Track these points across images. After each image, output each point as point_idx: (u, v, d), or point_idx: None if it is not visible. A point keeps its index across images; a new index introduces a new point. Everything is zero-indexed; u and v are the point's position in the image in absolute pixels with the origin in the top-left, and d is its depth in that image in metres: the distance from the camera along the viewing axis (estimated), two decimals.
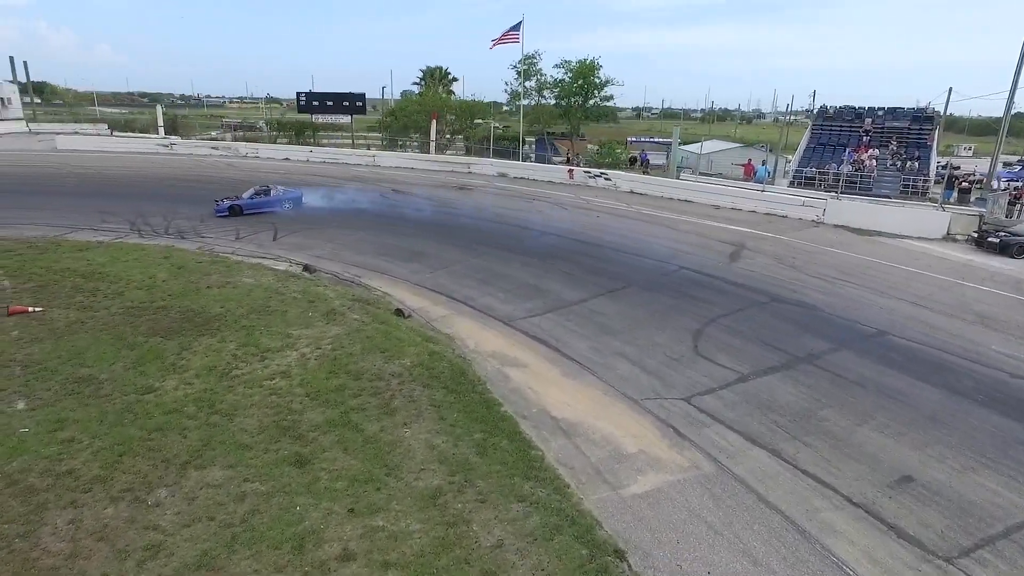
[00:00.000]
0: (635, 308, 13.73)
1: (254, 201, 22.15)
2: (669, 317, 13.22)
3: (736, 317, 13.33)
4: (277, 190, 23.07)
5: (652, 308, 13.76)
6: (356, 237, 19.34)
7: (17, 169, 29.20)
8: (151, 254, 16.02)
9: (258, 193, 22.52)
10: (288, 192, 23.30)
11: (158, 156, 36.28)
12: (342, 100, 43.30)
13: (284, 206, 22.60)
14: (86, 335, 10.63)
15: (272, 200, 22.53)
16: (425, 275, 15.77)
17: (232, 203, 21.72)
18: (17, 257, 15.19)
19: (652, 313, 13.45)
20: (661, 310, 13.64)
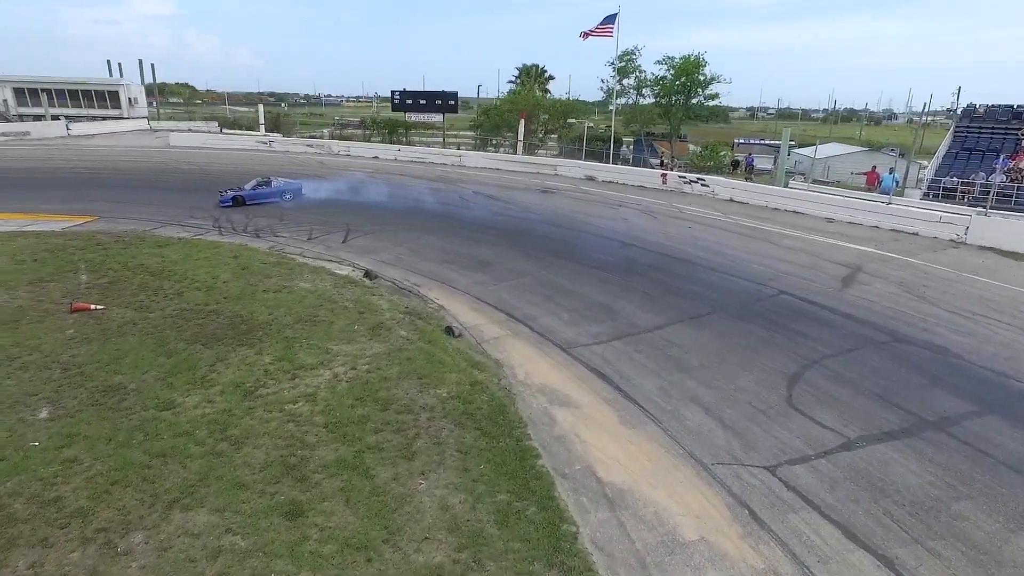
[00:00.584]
0: (719, 340, 11.90)
1: (256, 192, 23.08)
2: (760, 354, 11.29)
3: (845, 359, 11.14)
4: (278, 182, 24.03)
5: (740, 341, 11.86)
6: (425, 241, 18.75)
7: (132, 164, 31.71)
8: (222, 253, 16.22)
9: (260, 184, 23.45)
10: (289, 184, 24.34)
11: (257, 153, 38.24)
12: (435, 99, 43.63)
13: (285, 197, 23.62)
14: (133, 338, 10.57)
15: (273, 191, 23.48)
16: (488, 287, 14.77)
17: (235, 194, 22.59)
18: (103, 251, 15.91)
19: (739, 348, 11.56)
20: (751, 345, 11.71)
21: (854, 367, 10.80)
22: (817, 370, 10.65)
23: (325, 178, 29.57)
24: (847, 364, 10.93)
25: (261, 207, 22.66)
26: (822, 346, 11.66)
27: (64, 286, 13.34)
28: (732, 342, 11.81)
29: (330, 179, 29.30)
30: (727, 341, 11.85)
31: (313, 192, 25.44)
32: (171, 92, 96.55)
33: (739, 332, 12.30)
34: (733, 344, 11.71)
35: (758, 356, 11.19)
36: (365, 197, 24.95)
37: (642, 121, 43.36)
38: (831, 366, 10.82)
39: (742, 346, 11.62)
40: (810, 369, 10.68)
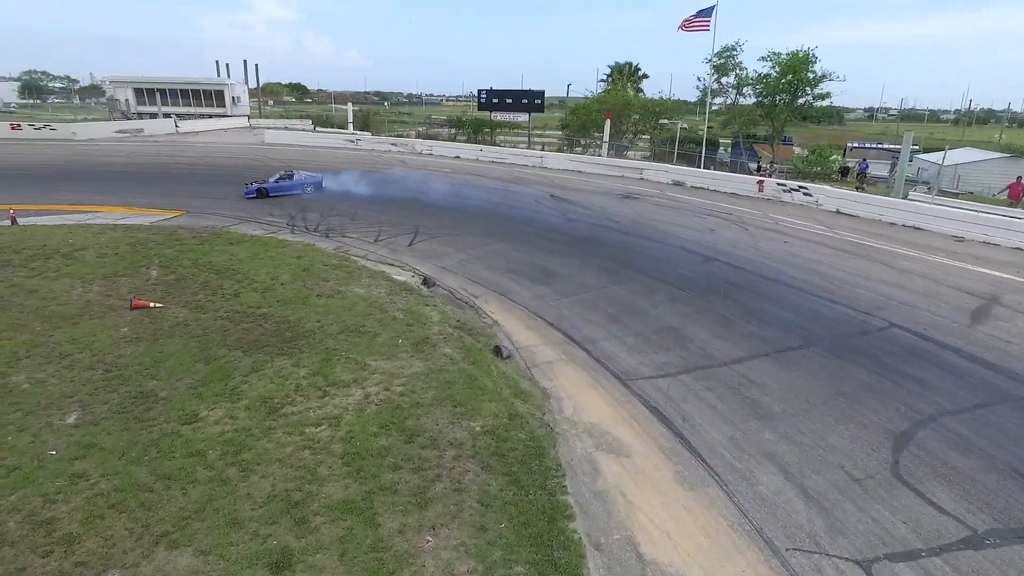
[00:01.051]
0: (809, 382, 10.19)
1: (279, 184, 24.44)
2: (860, 404, 9.51)
3: (973, 418, 9.14)
4: (300, 175, 25.30)
5: (836, 386, 10.10)
6: (492, 247, 18.00)
7: (227, 160, 33.44)
8: (288, 253, 16.29)
9: (282, 177, 24.79)
10: (310, 177, 25.61)
11: (343, 150, 39.34)
12: (521, 98, 43.03)
13: (306, 189, 24.94)
14: (179, 340, 10.53)
15: (295, 184, 24.77)
16: (549, 302, 13.75)
17: (260, 186, 23.99)
18: (179, 247, 16.44)
19: (834, 394, 9.82)
20: (849, 390, 9.93)
21: (985, 430, 8.80)
22: (934, 430, 8.76)
23: (396, 178, 29.75)
24: (976, 425, 8.93)
25: (287, 198, 23.98)
26: (943, 399, 9.67)
27: (134, 281, 13.77)
28: (825, 386, 10.07)
29: (404, 179, 29.43)
30: (819, 384, 10.12)
31: (387, 192, 25.55)
32: (271, 91, 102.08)
33: (835, 373, 10.51)
34: (827, 388, 9.98)
35: (858, 406, 9.42)
36: (438, 199, 24.67)
37: (742, 122, 40.49)
38: (954, 426, 8.88)
39: (838, 392, 9.87)
40: (925, 428, 8.80)
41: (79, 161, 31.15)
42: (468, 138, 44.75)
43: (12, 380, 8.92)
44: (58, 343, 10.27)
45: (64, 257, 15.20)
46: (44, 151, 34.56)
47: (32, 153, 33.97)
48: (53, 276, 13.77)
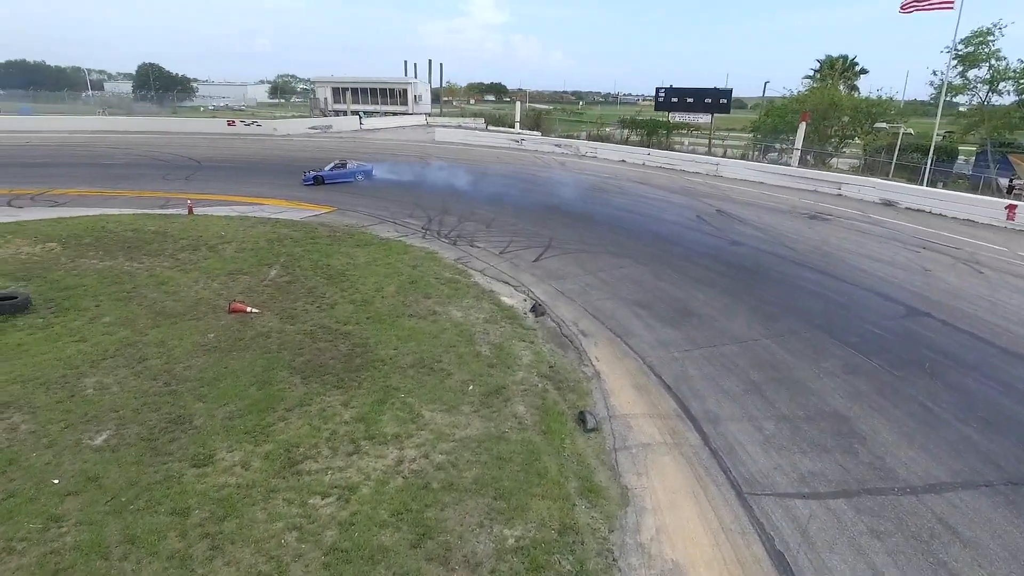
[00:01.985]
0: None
1: (334, 172, 26.42)
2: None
3: None
4: (352, 164, 27.23)
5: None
6: (625, 271, 15.56)
7: (395, 157, 34.74)
8: (406, 260, 15.58)
9: (337, 166, 26.79)
10: (361, 166, 27.50)
11: (504, 150, 38.98)
12: (703, 97, 39.08)
13: (357, 177, 26.84)
14: (250, 355, 10.01)
15: (347, 172, 26.77)
16: (674, 352, 11.07)
17: (316, 174, 25.97)
18: (310, 246, 16.62)
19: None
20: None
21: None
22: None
23: (547, 182, 28.17)
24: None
25: (341, 184, 25.90)
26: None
27: (252, 280, 13.93)
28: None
29: (555, 184, 27.80)
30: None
31: (532, 197, 24.18)
32: (456, 91, 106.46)
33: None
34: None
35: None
36: (584, 208, 22.66)
37: (993, 126, 32.03)
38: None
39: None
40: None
41: (272, 155, 34.64)
42: (641, 140, 41.81)
43: (83, 383, 8.95)
44: (147, 344, 10.34)
45: (209, 250, 16.12)
46: (247, 145, 39.16)
47: (236, 147, 38.51)
48: (188, 269, 14.49)
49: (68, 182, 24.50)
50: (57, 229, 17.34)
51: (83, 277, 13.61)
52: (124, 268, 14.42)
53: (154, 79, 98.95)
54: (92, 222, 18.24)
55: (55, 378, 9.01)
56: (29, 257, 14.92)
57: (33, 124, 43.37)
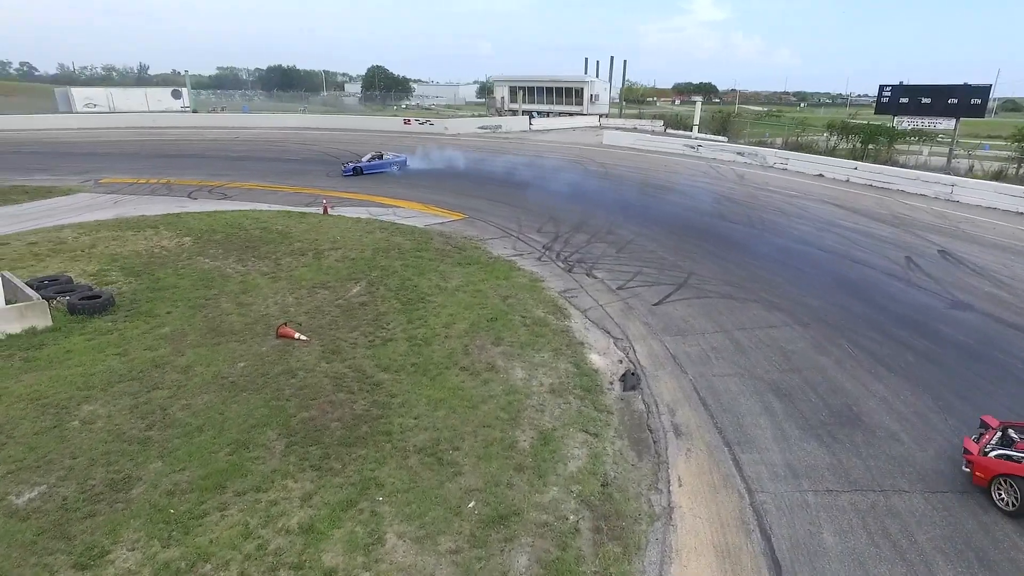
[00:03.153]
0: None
1: (371, 164, 27.86)
2: None
3: None
4: (388, 155, 28.71)
5: None
6: (772, 335, 11.46)
7: (550, 161, 32.49)
8: (501, 289, 13.34)
9: (374, 157, 28.25)
10: (396, 157, 28.90)
11: (677, 157, 34.47)
12: (946, 96, 30.70)
13: (393, 168, 28.21)
14: (257, 400, 8.56)
15: (384, 163, 28.17)
16: (812, 496, 7.15)
17: (355, 165, 27.49)
18: (410, 259, 15.20)
19: None
20: None
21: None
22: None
23: (707, 198, 23.63)
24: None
25: (377, 174, 27.19)
26: None
27: (332, 295, 12.79)
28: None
29: (718, 202, 23.25)
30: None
31: (683, 217, 20.31)
32: (637, 92, 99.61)
33: None
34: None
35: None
36: (744, 237, 18.24)
37: None
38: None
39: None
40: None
41: (443, 155, 34.59)
42: (854, 150, 34.25)
43: (76, 412, 8.19)
44: (174, 367, 9.47)
45: (314, 256, 15.49)
46: (412, 144, 39.30)
47: (402, 145, 39.15)
48: (279, 277, 13.86)
49: (247, 176, 26.53)
50: (202, 224, 18.20)
51: (183, 277, 13.62)
52: (225, 270, 14.26)
53: (378, 80, 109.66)
54: (234, 218, 18.94)
55: (58, 401, 8.38)
56: (160, 251, 15.55)
57: (248, 121, 49.51)
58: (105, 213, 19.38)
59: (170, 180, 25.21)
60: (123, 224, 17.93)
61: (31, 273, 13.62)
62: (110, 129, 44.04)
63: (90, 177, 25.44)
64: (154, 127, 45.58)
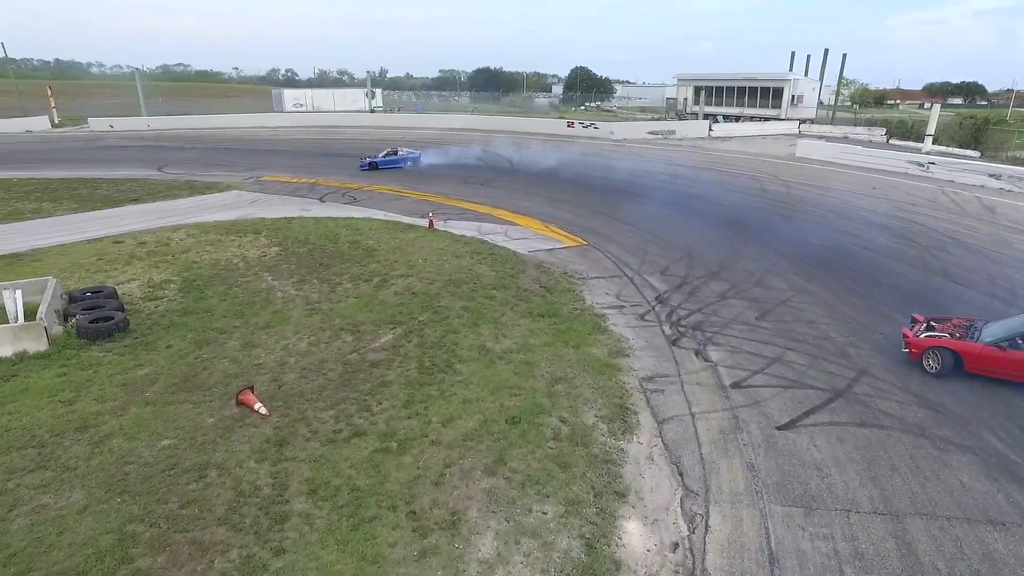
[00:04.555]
0: None
1: (386, 159, 27.89)
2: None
3: None
4: (403, 151, 28.76)
5: None
6: (990, 541, 6.03)
7: (712, 175, 26.45)
8: (556, 365, 9.59)
9: (389, 153, 28.36)
10: (410, 153, 28.97)
11: (896, 178, 25.61)
12: None
13: (407, 164, 28.19)
14: (120, 513, 6.15)
15: (398, 159, 28.16)
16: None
17: (372, 160, 27.49)
18: (477, 301, 12.07)
19: None
20: None
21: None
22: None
23: (913, 245, 16.23)
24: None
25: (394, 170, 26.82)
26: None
27: (360, 342, 10.23)
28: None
29: (936, 253, 15.90)
30: None
31: (869, 274, 13.99)
32: (867, 93, 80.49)
33: None
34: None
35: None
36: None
37: None
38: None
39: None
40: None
41: (592, 163, 30.55)
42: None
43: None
44: (96, 434, 7.57)
45: (379, 282, 13.18)
46: (569, 148, 35.31)
47: (558, 150, 35.06)
48: (320, 310, 11.69)
49: (384, 179, 25.62)
50: (302, 232, 17.10)
51: (227, 299, 12.17)
52: (275, 294, 12.56)
53: (580, 81, 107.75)
54: (335, 228, 17.57)
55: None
56: (238, 262, 14.53)
57: (418, 121, 49.82)
58: (234, 213, 19.41)
59: (317, 180, 25.27)
60: (234, 227, 17.56)
61: (109, 277, 13.34)
62: (299, 128, 47.56)
63: (255, 174, 26.69)
64: (335, 126, 48.16)
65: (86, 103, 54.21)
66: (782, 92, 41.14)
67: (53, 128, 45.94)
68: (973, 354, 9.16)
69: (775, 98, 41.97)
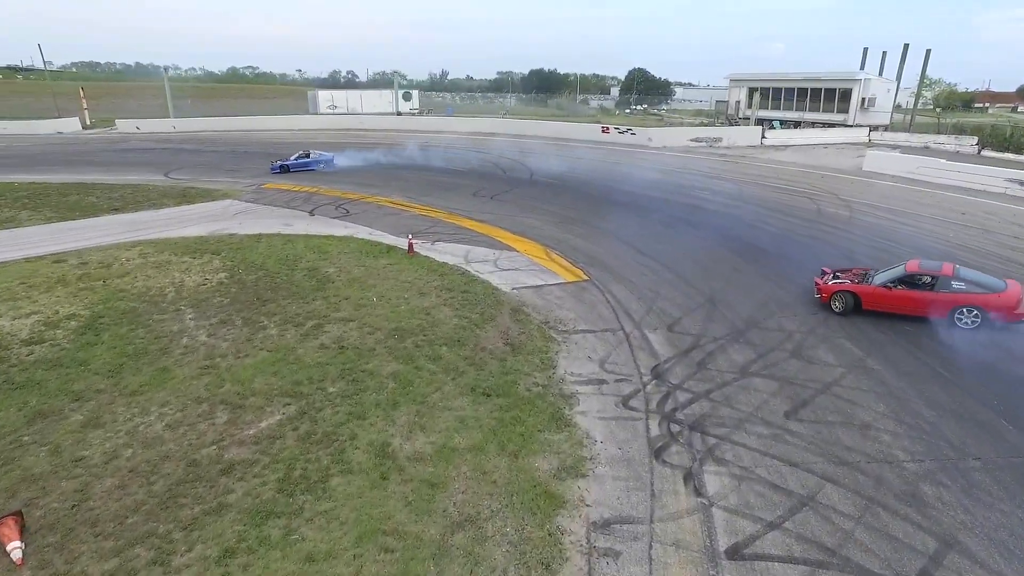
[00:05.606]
0: None
1: (298, 162, 27.11)
2: None
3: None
4: (315, 154, 27.97)
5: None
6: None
7: (760, 194, 22.17)
8: (473, 494, 6.54)
9: (301, 156, 27.53)
10: (322, 155, 28.14)
11: (991, 201, 20.41)
12: None
13: (319, 166, 27.52)
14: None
15: (310, 161, 27.46)
16: None
17: (282, 163, 26.72)
18: (423, 362, 9.14)
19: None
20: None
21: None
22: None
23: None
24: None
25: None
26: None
27: (221, 430, 7.51)
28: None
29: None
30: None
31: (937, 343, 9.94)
32: (952, 96, 69.93)
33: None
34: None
35: None
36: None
37: None
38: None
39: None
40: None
41: (619, 175, 26.69)
42: None
43: None
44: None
45: (310, 329, 10.47)
46: (601, 157, 31.40)
47: (587, 159, 30.90)
48: (217, 368, 9.09)
49: (392, 188, 23.01)
50: (264, 253, 14.70)
51: (115, 347, 9.77)
52: (182, 340, 10.09)
53: (637, 83, 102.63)
54: (301, 249, 15.05)
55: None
56: (169, 292, 12.22)
57: (446, 124, 46.29)
58: (210, 227, 17.28)
59: (319, 189, 23.00)
60: (195, 246, 15.36)
61: (12, 308, 11.26)
62: (322, 131, 44.63)
63: (259, 181, 24.75)
64: (357, 129, 45.63)
65: (122, 104, 54.51)
66: (850, 94, 35.19)
67: (83, 130, 46.03)
68: (867, 294, 11.04)
69: (842, 101, 35.92)
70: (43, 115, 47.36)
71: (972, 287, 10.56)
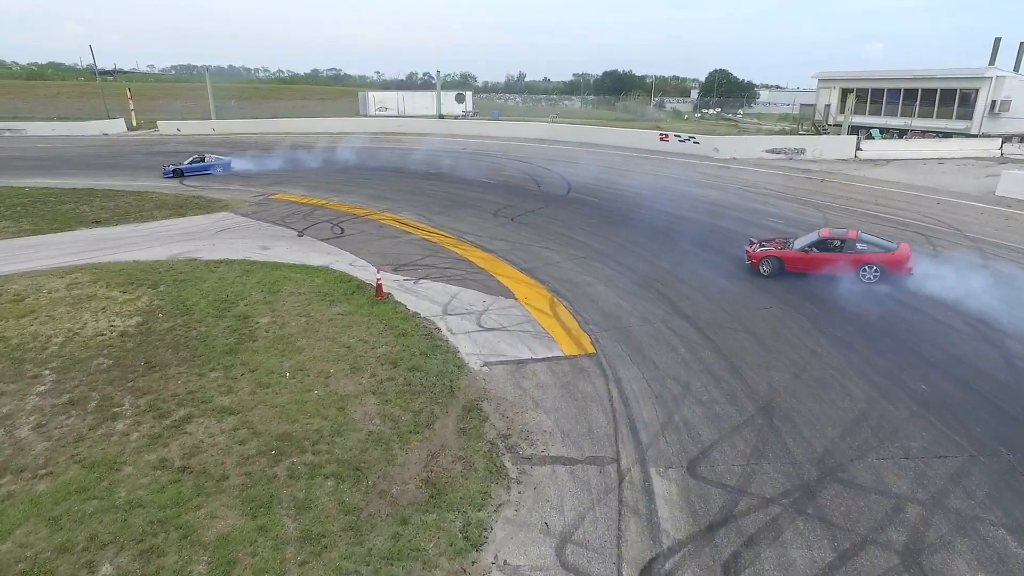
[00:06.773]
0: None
1: (193, 166, 25.42)
2: None
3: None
4: (211, 158, 26.31)
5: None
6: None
7: (853, 225, 16.72)
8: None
9: (195, 160, 25.79)
10: (220, 159, 26.55)
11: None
12: None
13: (217, 170, 25.80)
14: None
15: (206, 165, 25.79)
16: None
17: (175, 167, 24.95)
18: (243, 527, 5.69)
19: None
20: None
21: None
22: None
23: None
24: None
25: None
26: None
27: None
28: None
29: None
30: None
31: None
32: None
33: None
34: None
35: None
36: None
37: None
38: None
39: None
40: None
41: (671, 196, 21.58)
42: None
43: None
44: None
45: (168, 428, 7.34)
46: (655, 171, 26.34)
47: (639, 172, 25.89)
48: (15, 497, 6.02)
49: (408, 203, 19.71)
50: (205, 290, 11.82)
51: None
52: (39, 420, 7.15)
53: (718, 86, 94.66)
54: (252, 285, 12.04)
55: None
56: (60, 341, 9.53)
57: (489, 129, 42.08)
58: (176, 248, 14.74)
59: (328, 202, 20.14)
60: (136, 275, 12.72)
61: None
62: (359, 134, 40.17)
63: (270, 190, 22.26)
64: (395, 133, 42.47)
65: (167, 104, 54.35)
66: (974, 96, 27.39)
67: (128, 131, 45.84)
68: (789, 258, 12.29)
69: (962, 104, 27.95)
70: (97, 116, 47.89)
71: (872, 248, 11.96)
